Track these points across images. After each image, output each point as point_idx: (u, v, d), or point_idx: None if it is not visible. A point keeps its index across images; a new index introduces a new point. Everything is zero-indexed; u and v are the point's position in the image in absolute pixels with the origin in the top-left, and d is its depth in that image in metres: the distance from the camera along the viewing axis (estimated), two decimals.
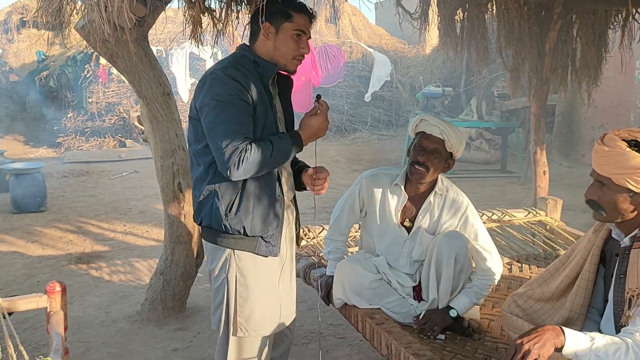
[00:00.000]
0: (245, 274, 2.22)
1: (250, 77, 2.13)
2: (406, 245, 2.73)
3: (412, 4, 4.22)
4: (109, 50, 3.24)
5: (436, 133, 2.57)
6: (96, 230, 6.16)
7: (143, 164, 9.92)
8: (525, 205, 6.42)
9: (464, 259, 2.55)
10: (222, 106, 2.06)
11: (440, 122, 2.60)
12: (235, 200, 2.15)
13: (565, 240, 3.83)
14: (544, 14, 4.16)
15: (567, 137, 9.81)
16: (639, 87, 8.60)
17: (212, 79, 2.11)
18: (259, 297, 2.25)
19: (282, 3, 2.15)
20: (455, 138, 2.57)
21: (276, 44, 2.18)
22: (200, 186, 2.20)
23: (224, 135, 2.03)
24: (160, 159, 3.60)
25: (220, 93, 2.07)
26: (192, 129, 2.19)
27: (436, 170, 2.62)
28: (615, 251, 1.97)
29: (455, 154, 2.63)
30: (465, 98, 11.85)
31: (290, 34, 2.17)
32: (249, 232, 2.17)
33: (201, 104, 2.11)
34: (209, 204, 2.18)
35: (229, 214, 2.15)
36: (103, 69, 12.04)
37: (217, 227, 2.19)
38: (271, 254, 2.24)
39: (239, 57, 2.19)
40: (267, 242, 2.22)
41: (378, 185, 2.75)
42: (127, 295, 4.35)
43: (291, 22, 2.16)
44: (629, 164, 1.81)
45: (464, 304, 2.58)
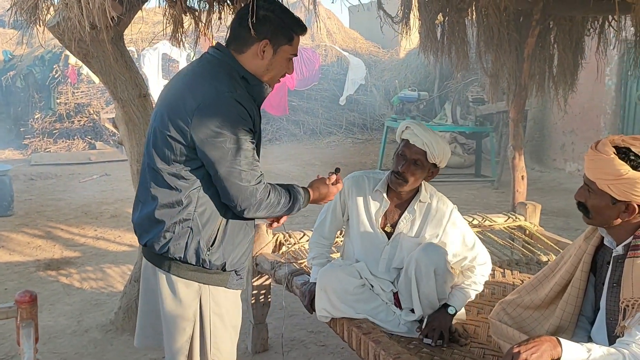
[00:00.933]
0: (219, 303, 2.04)
1: (251, 101, 1.93)
2: (385, 251, 2.70)
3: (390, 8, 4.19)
4: (83, 50, 3.14)
5: (419, 144, 2.53)
6: (66, 235, 5.98)
7: (114, 167, 9.72)
8: (500, 210, 6.49)
9: (443, 271, 2.51)
10: (236, 142, 1.83)
11: (425, 133, 2.54)
12: (219, 232, 1.95)
13: (544, 245, 3.85)
14: (523, 20, 4.18)
15: (539, 142, 9.94)
16: (609, 93, 8.76)
17: (217, 105, 1.83)
18: (230, 330, 2.11)
19: (284, 21, 1.94)
20: (438, 150, 2.52)
21: (270, 65, 1.97)
22: (172, 213, 1.92)
23: (244, 176, 1.85)
24: (136, 163, 3.49)
25: (232, 125, 1.83)
26: (170, 149, 1.89)
27: (417, 180, 2.59)
28: (607, 259, 1.96)
29: (439, 164, 2.59)
30: (438, 102, 11.93)
31: (286, 57, 1.99)
32: (227, 267, 1.99)
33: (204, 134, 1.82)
34: (186, 235, 1.92)
35: (211, 248, 1.94)
36: (72, 69, 11.77)
37: (191, 262, 1.94)
38: (240, 287, 2.09)
39: (229, 70, 1.93)
40: (238, 276, 2.07)
41: (360, 189, 2.72)
42: (99, 303, 4.21)
43: (291, 45, 1.98)
44: (611, 170, 1.81)
45: (460, 300, 2.57)
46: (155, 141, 1.94)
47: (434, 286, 2.50)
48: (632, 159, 1.79)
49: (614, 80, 8.66)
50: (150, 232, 1.96)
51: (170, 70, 12.66)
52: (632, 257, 1.79)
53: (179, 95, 1.90)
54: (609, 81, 8.65)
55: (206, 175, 1.90)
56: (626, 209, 1.82)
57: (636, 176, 1.76)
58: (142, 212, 2.00)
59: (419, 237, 2.66)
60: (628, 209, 1.82)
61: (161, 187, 1.92)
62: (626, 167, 1.78)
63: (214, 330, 2.03)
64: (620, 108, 8.72)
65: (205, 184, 1.91)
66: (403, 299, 2.63)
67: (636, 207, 1.80)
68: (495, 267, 3.44)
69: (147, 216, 1.96)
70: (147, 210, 1.97)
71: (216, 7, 2.58)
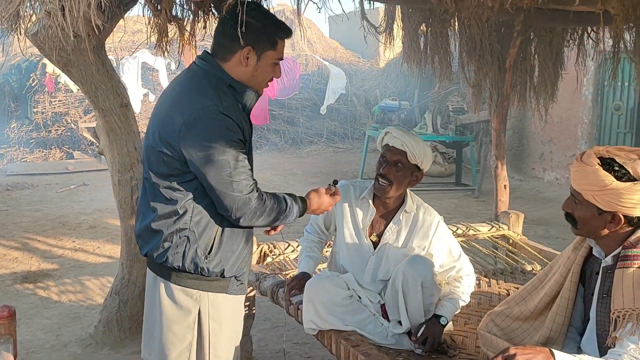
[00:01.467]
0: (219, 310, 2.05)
1: (238, 110, 1.94)
2: (371, 262, 2.69)
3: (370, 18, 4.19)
4: (64, 59, 3.08)
5: (398, 145, 2.55)
6: (43, 247, 5.86)
7: (92, 176, 9.59)
8: (481, 218, 6.53)
9: (430, 283, 2.50)
10: (226, 154, 1.84)
11: (403, 134, 2.58)
12: (215, 240, 1.97)
13: (528, 254, 3.87)
14: (505, 31, 4.21)
15: (518, 151, 10.05)
16: (586, 103, 8.90)
17: (204, 119, 1.84)
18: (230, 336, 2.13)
19: (266, 27, 1.94)
20: (417, 149, 2.55)
21: (255, 72, 1.97)
22: (169, 223, 1.95)
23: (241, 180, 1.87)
24: (117, 173, 3.44)
25: (220, 138, 1.84)
26: (163, 164, 1.92)
27: (400, 183, 2.59)
28: (596, 269, 1.96)
29: (420, 165, 2.60)
30: (419, 112, 12.01)
31: (271, 62, 1.99)
32: (226, 274, 2.01)
33: (194, 148, 1.84)
34: (183, 244, 1.95)
35: (209, 255, 1.96)
36: (50, 78, 11.60)
37: (190, 270, 1.97)
38: (241, 292, 2.12)
39: (215, 82, 1.93)
40: (239, 281, 2.08)
41: (346, 197, 2.72)
42: (78, 317, 4.12)
43: (275, 50, 1.97)
44: (596, 181, 1.82)
45: (450, 310, 2.56)
46: (149, 157, 1.98)
47: (421, 299, 2.49)
48: (617, 169, 1.80)
49: (590, 91, 8.81)
50: (150, 242, 2.00)
51: (150, 80, 12.57)
52: (622, 267, 1.79)
53: (168, 111, 1.93)
54: (586, 91, 8.79)
55: (200, 186, 1.92)
56: (612, 220, 1.83)
57: (620, 187, 1.77)
58: (142, 224, 2.04)
59: (405, 248, 2.65)
60: (614, 219, 1.82)
61: (158, 200, 1.96)
62: (610, 177, 1.79)
63: (212, 337, 2.05)
64: (597, 118, 8.87)
65: (199, 194, 1.93)
66: (390, 311, 2.61)
67: (622, 218, 1.81)
68: (481, 276, 3.44)
69: (147, 227, 2.00)
70: (146, 221, 2.00)
71: (201, 16, 2.55)
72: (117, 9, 2.94)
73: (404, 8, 4.03)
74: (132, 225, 3.50)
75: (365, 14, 3.88)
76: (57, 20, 1.79)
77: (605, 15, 2.65)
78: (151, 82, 12.58)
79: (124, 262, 3.59)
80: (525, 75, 4.50)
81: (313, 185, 9.05)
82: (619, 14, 2.48)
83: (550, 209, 7.74)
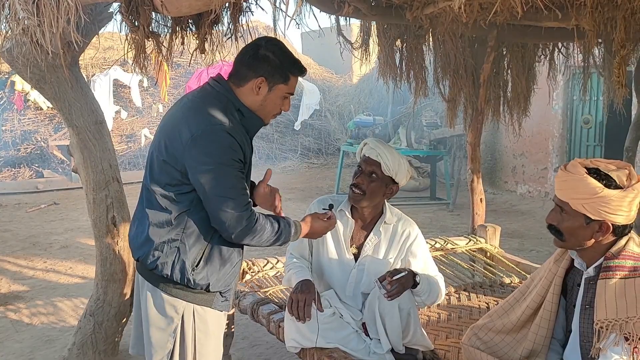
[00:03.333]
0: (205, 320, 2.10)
1: (243, 133, 2.03)
2: (352, 275, 2.69)
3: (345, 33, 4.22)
4: (37, 76, 3.02)
5: (373, 156, 2.59)
6: (13, 268, 5.70)
7: (63, 195, 9.40)
8: (457, 232, 6.57)
9: (407, 304, 2.49)
10: (226, 170, 1.93)
11: (379, 145, 2.62)
12: (204, 255, 2.03)
13: (505, 267, 3.90)
14: (478, 47, 4.28)
15: (491, 164, 10.18)
16: (556, 117, 9.08)
17: (210, 136, 1.93)
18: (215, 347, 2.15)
19: (283, 63, 2.05)
20: (392, 161, 2.57)
21: (265, 102, 2.08)
22: (161, 232, 2.01)
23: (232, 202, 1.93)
24: (92, 192, 3.37)
25: (222, 155, 1.93)
26: (164, 173, 2.00)
27: (373, 193, 2.61)
28: (577, 281, 1.98)
29: (395, 178, 2.61)
30: (392, 127, 12.10)
31: (281, 95, 2.09)
32: (211, 288, 2.06)
33: (196, 161, 1.93)
34: (173, 254, 2.01)
35: (196, 268, 2.02)
36: (19, 96, 11.38)
37: (177, 280, 2.02)
38: (225, 309, 2.16)
39: (225, 104, 2.02)
40: (224, 297, 2.13)
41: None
42: (51, 340, 4.00)
43: (286, 84, 2.08)
44: (586, 189, 1.85)
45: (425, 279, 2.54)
46: (152, 165, 2.06)
47: (399, 322, 2.48)
48: (604, 177, 1.84)
49: (560, 105, 8.99)
50: (142, 248, 2.07)
51: (122, 96, 12.43)
52: (605, 278, 1.82)
53: (176, 124, 2.01)
54: (556, 105, 8.97)
55: (196, 199, 1.98)
56: (600, 228, 1.85)
57: (611, 194, 1.80)
58: (137, 229, 2.11)
59: (384, 260, 2.66)
60: (602, 227, 1.85)
61: (154, 208, 2.03)
62: (599, 185, 1.82)
63: (199, 346, 2.09)
64: (567, 131, 9.05)
65: (195, 207, 2.00)
66: (370, 329, 2.60)
67: (610, 225, 1.84)
68: (460, 290, 3.46)
69: (140, 233, 2.07)
70: (141, 227, 2.07)
71: (178, 32, 2.53)
72: (92, 25, 2.90)
73: (379, 24, 4.07)
74: (108, 244, 3.43)
75: (341, 30, 3.91)
76: (34, 37, 1.76)
77: (577, 30, 2.71)
78: (123, 99, 12.45)
79: (98, 282, 3.50)
80: (499, 90, 4.58)
81: (289, 202, 9.04)
82: (591, 30, 2.54)
83: (524, 221, 7.84)
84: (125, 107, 12.24)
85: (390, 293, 2.40)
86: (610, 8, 2.78)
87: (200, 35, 2.43)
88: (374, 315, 2.51)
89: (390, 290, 2.40)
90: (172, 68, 11.80)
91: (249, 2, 2.43)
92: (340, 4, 3.25)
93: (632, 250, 1.84)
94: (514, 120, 4.71)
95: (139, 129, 12.30)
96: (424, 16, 3.26)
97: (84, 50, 3.18)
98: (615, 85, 3.11)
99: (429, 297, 2.56)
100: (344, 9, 3.22)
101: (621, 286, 1.77)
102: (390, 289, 2.40)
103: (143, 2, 1.99)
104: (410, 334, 2.52)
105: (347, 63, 15.03)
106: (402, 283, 2.42)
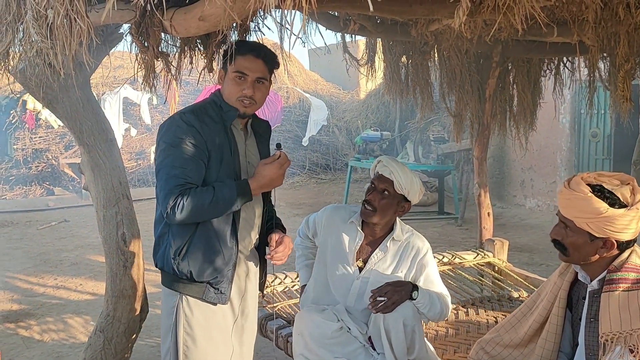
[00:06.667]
0: (192, 323, 2.19)
1: (209, 122, 2.14)
2: (355, 285, 2.70)
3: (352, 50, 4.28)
4: (49, 96, 3.08)
5: (386, 174, 2.61)
6: (24, 285, 5.75)
7: (73, 213, 9.47)
8: (465, 246, 6.56)
9: (412, 320, 2.50)
10: (170, 150, 2.08)
11: (393, 164, 2.64)
12: (186, 244, 2.14)
13: (514, 281, 3.89)
14: (483, 62, 4.32)
15: (499, 178, 10.17)
16: (564, 131, 9.07)
17: (168, 123, 2.14)
18: (205, 347, 2.21)
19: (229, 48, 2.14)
20: (405, 180, 2.58)
21: (226, 88, 2.20)
22: (158, 228, 2.21)
23: (165, 180, 2.06)
24: (102, 209, 3.40)
25: (171, 136, 2.09)
26: None
27: (385, 211, 2.62)
28: (582, 294, 1.99)
29: (407, 196, 2.63)
30: (400, 142, 12.13)
31: (231, 77, 2.17)
32: (196, 277, 2.15)
33: (156, 147, 2.17)
34: (163, 246, 2.19)
35: (177, 257, 2.14)
36: (30, 115, 11.55)
37: (167, 270, 2.18)
38: (220, 301, 2.21)
39: (205, 102, 2.22)
40: (216, 289, 2.18)
41: (337, 218, 2.76)
42: (61, 356, 4.03)
43: (232, 64, 2.15)
44: (590, 208, 1.85)
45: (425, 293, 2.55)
46: None
47: (403, 337, 2.49)
48: (608, 196, 1.84)
49: (567, 119, 8.99)
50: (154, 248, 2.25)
51: (132, 114, 12.56)
52: (608, 291, 1.82)
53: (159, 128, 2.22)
54: (563, 119, 8.97)
55: None
56: (604, 245, 1.86)
57: (615, 214, 1.81)
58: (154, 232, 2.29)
59: (389, 275, 2.66)
60: (606, 244, 1.85)
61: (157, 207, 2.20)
62: (604, 204, 1.82)
63: (185, 343, 2.19)
64: (575, 145, 9.04)
65: None
66: (377, 345, 2.61)
67: (614, 242, 1.84)
68: (468, 304, 3.46)
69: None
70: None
71: (187, 52, 2.58)
72: (103, 46, 2.96)
73: (384, 41, 4.12)
74: (118, 260, 3.46)
75: (347, 46, 3.96)
76: (47, 59, 1.81)
77: (581, 45, 2.74)
78: (133, 117, 12.58)
79: (109, 298, 3.53)
80: (505, 104, 4.60)
81: (297, 217, 9.04)
82: (595, 45, 2.56)
83: (534, 235, 7.81)
84: (134, 125, 12.37)
85: (376, 308, 2.45)
86: (613, 23, 2.80)
87: (208, 55, 2.47)
88: (379, 330, 2.52)
89: (375, 305, 2.45)
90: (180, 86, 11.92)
91: (255, 22, 2.48)
92: (346, 21, 3.31)
93: (635, 263, 1.85)
94: (520, 135, 4.73)
95: (148, 146, 12.41)
96: (428, 33, 3.30)
97: (95, 70, 3.24)
98: (620, 99, 3.13)
99: (429, 311, 2.57)
100: (350, 27, 3.27)
101: (624, 298, 1.78)
102: (373, 303, 2.46)
103: (153, 24, 2.04)
104: (415, 351, 2.52)
105: (354, 79, 15.13)
106: (391, 297, 2.45)
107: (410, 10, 2.64)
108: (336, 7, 2.86)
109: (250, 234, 2.31)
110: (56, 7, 1.72)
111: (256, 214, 2.32)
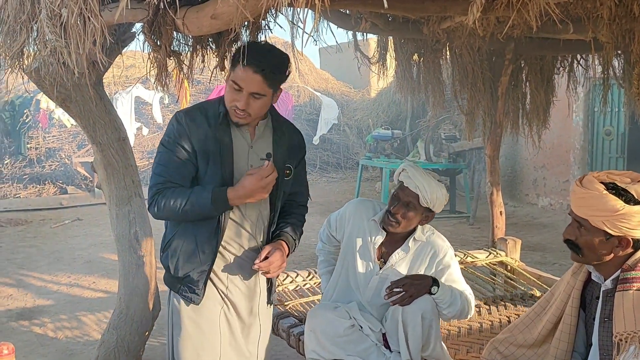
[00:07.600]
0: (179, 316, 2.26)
1: (201, 121, 2.14)
2: (374, 280, 2.69)
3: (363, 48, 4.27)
4: (62, 95, 3.10)
5: (412, 187, 2.54)
6: (38, 283, 5.80)
7: (86, 211, 9.53)
8: (477, 245, 6.53)
9: (430, 315, 2.49)
10: (160, 148, 2.17)
11: (419, 176, 2.55)
12: (170, 240, 2.24)
13: (526, 280, 3.87)
14: (496, 59, 4.29)
15: (511, 177, 10.11)
16: (577, 129, 9.00)
17: (168, 122, 2.22)
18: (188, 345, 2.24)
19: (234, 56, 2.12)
20: (431, 194, 2.53)
21: (225, 89, 2.18)
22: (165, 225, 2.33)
23: (151, 177, 2.15)
24: (115, 207, 3.43)
25: (165, 135, 2.18)
26: None
27: (409, 222, 2.61)
28: (596, 294, 1.97)
29: (433, 208, 2.59)
30: (411, 140, 12.10)
31: (229, 83, 2.12)
32: (172, 272, 2.23)
33: None
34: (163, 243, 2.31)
35: (162, 252, 2.27)
36: (43, 114, 11.64)
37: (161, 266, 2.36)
38: (191, 301, 2.23)
39: (211, 101, 2.25)
40: (190, 288, 2.20)
41: (362, 212, 2.75)
42: (75, 353, 4.06)
43: (233, 71, 2.10)
44: (606, 207, 1.83)
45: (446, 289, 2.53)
46: None
47: (420, 332, 2.48)
48: (622, 193, 1.82)
49: (580, 117, 8.92)
50: None
51: (143, 113, 12.62)
52: (622, 290, 1.80)
53: None
54: (576, 117, 8.90)
55: None
56: (620, 243, 1.84)
57: (632, 210, 1.79)
58: None
59: (410, 273, 2.65)
60: (622, 242, 1.83)
61: None
62: (620, 202, 1.80)
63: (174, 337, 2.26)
64: (588, 143, 8.96)
65: None
66: (391, 341, 2.60)
67: (630, 240, 1.82)
68: (481, 303, 3.44)
69: None
70: None
71: (199, 50, 2.58)
72: (116, 45, 2.97)
73: (396, 39, 4.10)
74: (130, 258, 3.48)
75: (358, 45, 3.95)
76: (62, 58, 1.82)
77: (595, 42, 2.71)
78: (145, 116, 12.64)
79: (122, 296, 3.55)
80: (518, 102, 4.57)
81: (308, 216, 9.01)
82: (609, 42, 2.54)
83: (546, 234, 7.76)
84: (146, 124, 12.43)
85: (392, 300, 2.47)
86: (627, 20, 2.77)
87: (220, 53, 2.48)
88: (396, 323, 2.51)
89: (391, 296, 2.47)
90: (192, 85, 11.96)
91: (267, 20, 2.48)
92: (357, 19, 3.30)
93: None
94: (533, 133, 4.70)
95: None
96: (440, 30, 3.28)
97: (108, 69, 3.26)
98: (635, 96, 3.10)
99: (449, 307, 2.54)
100: (361, 25, 3.26)
101: (638, 298, 1.76)
102: (389, 294, 2.48)
103: (165, 23, 2.04)
104: (430, 348, 2.52)
105: (365, 77, 15.11)
106: (408, 290, 2.45)
107: (423, 8, 2.63)
108: (348, 5, 2.85)
109: (241, 238, 2.24)
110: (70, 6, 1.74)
111: (257, 218, 2.26)
